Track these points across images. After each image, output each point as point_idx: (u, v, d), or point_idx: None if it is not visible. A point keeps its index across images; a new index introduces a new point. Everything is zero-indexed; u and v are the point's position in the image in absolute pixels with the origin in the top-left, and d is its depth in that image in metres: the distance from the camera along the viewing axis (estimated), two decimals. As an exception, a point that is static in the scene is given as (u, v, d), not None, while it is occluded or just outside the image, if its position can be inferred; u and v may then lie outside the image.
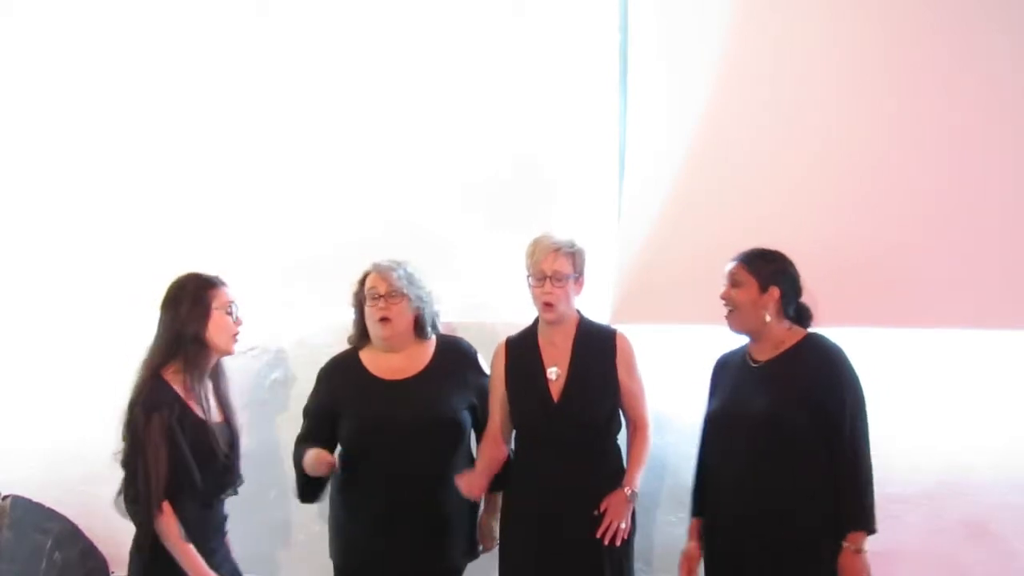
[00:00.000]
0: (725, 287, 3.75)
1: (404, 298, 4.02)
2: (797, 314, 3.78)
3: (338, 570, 4.11)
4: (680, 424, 4.18)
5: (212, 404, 3.77)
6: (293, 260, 4.69)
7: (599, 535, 3.80)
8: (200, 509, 3.68)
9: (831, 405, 3.62)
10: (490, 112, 4.63)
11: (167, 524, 3.59)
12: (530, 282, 3.96)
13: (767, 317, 3.72)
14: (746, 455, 3.66)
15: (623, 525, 3.82)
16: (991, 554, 4.03)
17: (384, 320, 4.00)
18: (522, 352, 4.01)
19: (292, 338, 4.66)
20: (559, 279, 3.91)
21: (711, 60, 4.36)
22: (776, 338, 3.74)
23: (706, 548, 3.80)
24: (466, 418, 4.05)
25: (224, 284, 3.79)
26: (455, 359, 4.11)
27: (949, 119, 4.05)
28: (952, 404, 4.07)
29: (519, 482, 3.97)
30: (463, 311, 4.46)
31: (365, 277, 4.08)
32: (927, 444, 4.07)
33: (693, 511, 3.88)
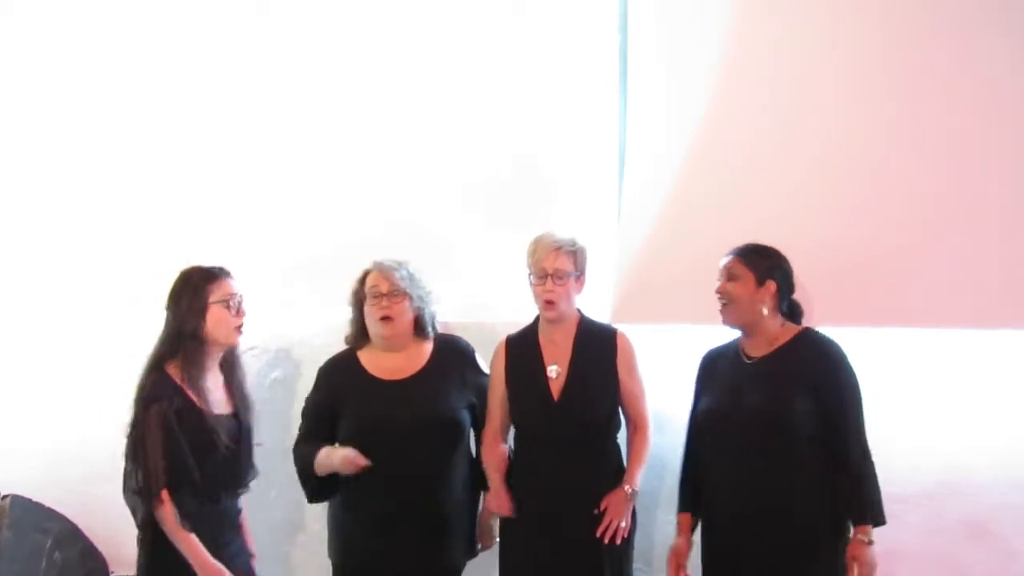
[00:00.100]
0: (721, 281, 3.76)
1: (406, 297, 4.02)
2: (790, 310, 3.79)
3: (337, 569, 4.10)
4: (680, 424, 4.15)
5: (220, 396, 3.78)
6: (293, 260, 4.69)
7: (599, 534, 3.81)
8: (206, 502, 3.69)
9: (830, 401, 3.63)
10: (490, 112, 4.64)
11: (164, 513, 3.62)
12: (531, 280, 3.96)
13: (763, 311, 3.73)
14: (743, 452, 3.66)
15: (623, 524, 3.83)
16: (991, 554, 4.03)
17: (386, 319, 4.00)
18: (522, 351, 4.02)
19: (292, 338, 4.66)
20: (560, 277, 3.91)
21: (711, 62, 4.36)
22: (771, 333, 3.75)
23: (703, 547, 3.80)
24: (465, 417, 4.05)
25: (225, 275, 3.80)
26: (453, 358, 4.11)
27: (948, 121, 4.05)
28: (952, 404, 4.07)
29: (519, 481, 3.96)
30: (463, 311, 4.46)
31: (365, 276, 4.08)
32: (927, 444, 4.08)
33: (681, 507, 3.88)
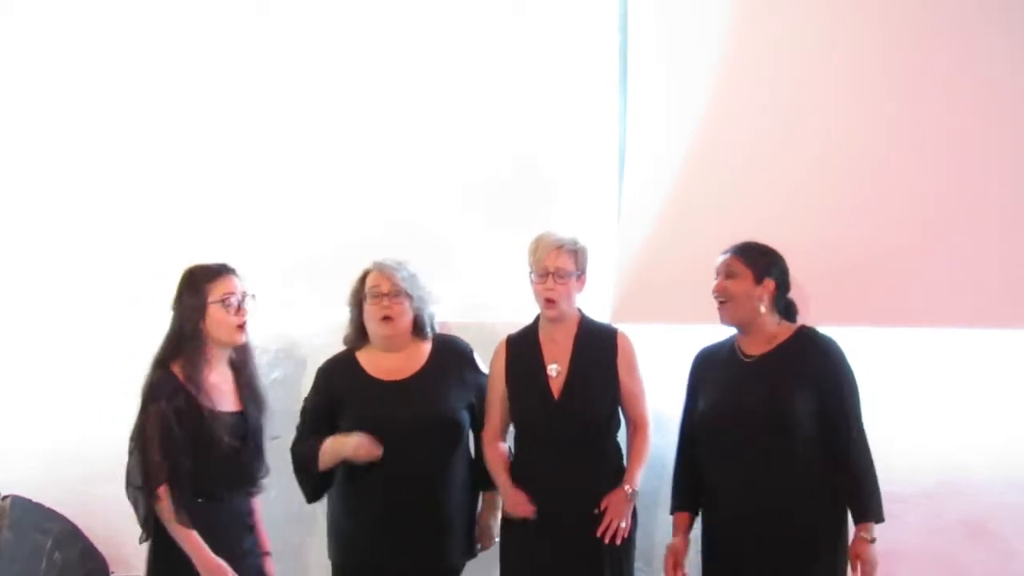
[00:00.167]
0: (718, 279, 3.75)
1: (407, 298, 4.02)
2: (785, 308, 3.79)
3: (337, 569, 4.10)
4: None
5: (228, 394, 3.78)
6: (293, 260, 4.68)
7: (599, 534, 3.81)
8: (211, 500, 3.70)
9: (831, 399, 3.63)
10: (490, 112, 4.64)
11: (162, 510, 3.63)
12: (532, 278, 3.96)
13: (762, 309, 3.73)
14: (744, 452, 3.65)
15: (623, 524, 3.83)
16: (990, 553, 4.05)
17: (387, 319, 3.99)
18: (523, 349, 4.02)
19: (292, 338, 4.66)
20: (561, 276, 3.91)
21: (711, 62, 4.37)
22: (768, 332, 3.74)
23: (704, 546, 3.79)
24: (465, 417, 4.05)
25: (226, 273, 3.79)
26: (452, 358, 4.11)
27: (948, 121, 4.06)
28: (951, 404, 4.08)
29: (519, 481, 3.95)
30: (463, 311, 4.47)
31: (365, 275, 4.07)
32: (926, 444, 4.09)
33: (676, 506, 3.86)
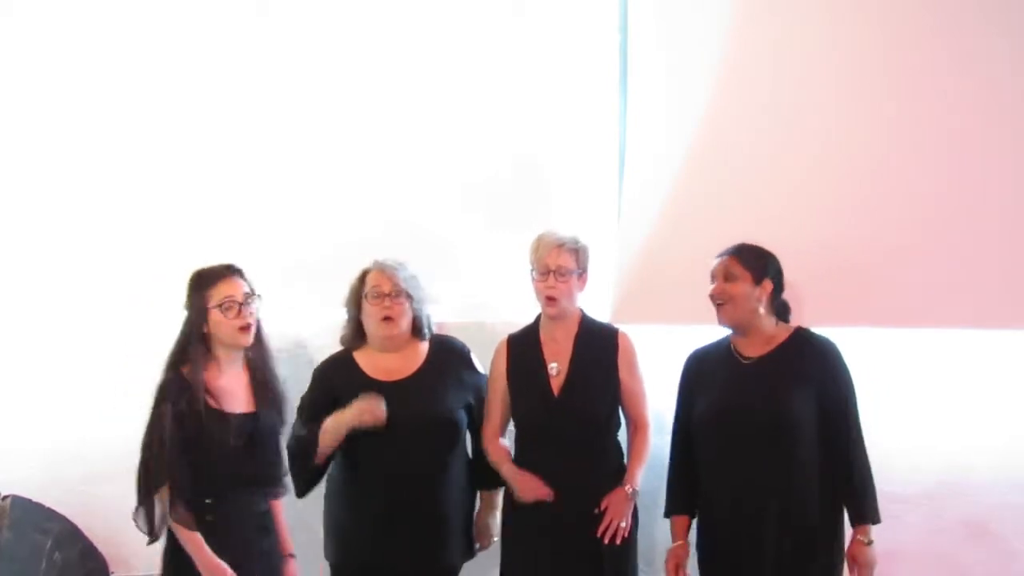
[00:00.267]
0: (717, 282, 3.73)
1: (408, 298, 4.00)
2: (779, 309, 3.79)
3: (335, 570, 4.08)
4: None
5: (241, 395, 3.77)
6: (293, 260, 4.68)
7: (599, 533, 3.80)
8: (220, 501, 3.68)
9: (830, 401, 3.63)
10: (490, 112, 4.65)
11: (164, 510, 3.63)
12: (533, 276, 3.95)
13: (760, 310, 3.73)
14: (744, 453, 3.64)
15: (623, 524, 3.82)
16: (991, 554, 4.05)
17: (388, 319, 3.98)
18: (524, 348, 4.01)
19: (292, 338, 4.65)
20: (562, 274, 3.91)
21: (711, 62, 4.38)
22: (766, 333, 3.74)
23: (701, 547, 3.79)
24: (462, 417, 4.03)
25: (228, 276, 3.76)
26: (449, 359, 4.09)
27: (948, 122, 4.07)
28: (952, 404, 4.09)
29: (520, 481, 3.97)
30: (463, 311, 4.47)
31: (364, 275, 4.05)
32: (927, 444, 4.09)
33: (673, 509, 3.85)
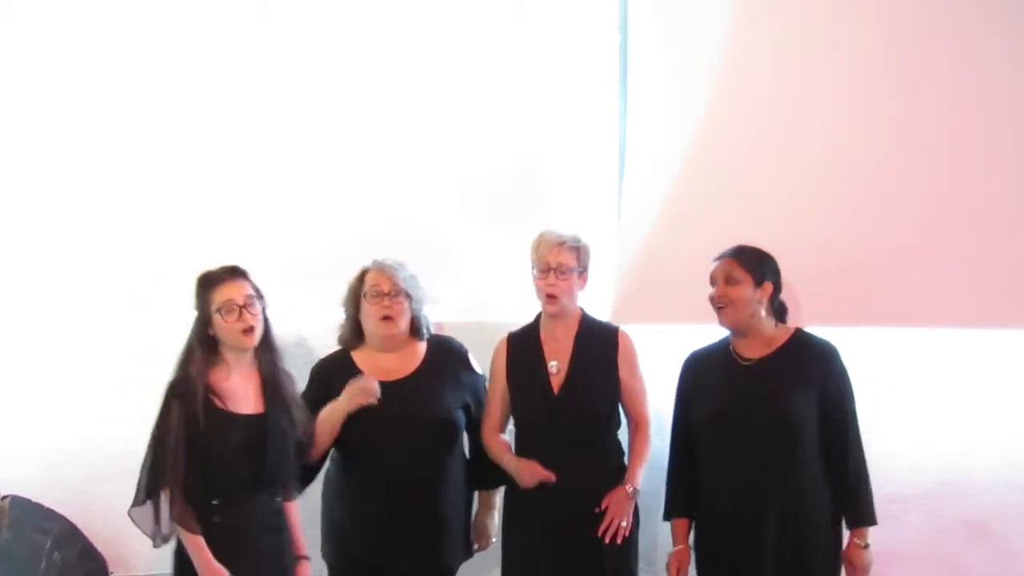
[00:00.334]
0: (718, 285, 3.73)
1: (407, 298, 4.00)
2: (777, 310, 3.80)
3: (332, 570, 4.06)
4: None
5: (249, 396, 3.76)
6: (293, 260, 4.67)
7: (600, 533, 3.80)
8: (226, 502, 3.67)
9: (830, 403, 3.64)
10: (490, 112, 4.65)
11: (166, 510, 3.63)
12: (534, 274, 3.96)
13: (761, 312, 3.73)
14: (744, 454, 3.64)
15: (624, 523, 3.82)
16: (991, 554, 4.05)
17: (387, 319, 3.98)
18: (524, 347, 4.02)
19: (292, 338, 4.65)
20: (563, 272, 3.91)
21: (711, 62, 4.38)
22: (767, 334, 3.74)
23: (700, 547, 3.79)
24: (460, 418, 4.03)
25: (229, 279, 3.76)
26: (447, 359, 4.09)
27: (948, 122, 4.07)
28: (952, 404, 4.09)
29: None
30: (463, 311, 4.47)
31: (363, 274, 4.05)
32: (927, 444, 4.09)
33: (673, 512, 3.85)
